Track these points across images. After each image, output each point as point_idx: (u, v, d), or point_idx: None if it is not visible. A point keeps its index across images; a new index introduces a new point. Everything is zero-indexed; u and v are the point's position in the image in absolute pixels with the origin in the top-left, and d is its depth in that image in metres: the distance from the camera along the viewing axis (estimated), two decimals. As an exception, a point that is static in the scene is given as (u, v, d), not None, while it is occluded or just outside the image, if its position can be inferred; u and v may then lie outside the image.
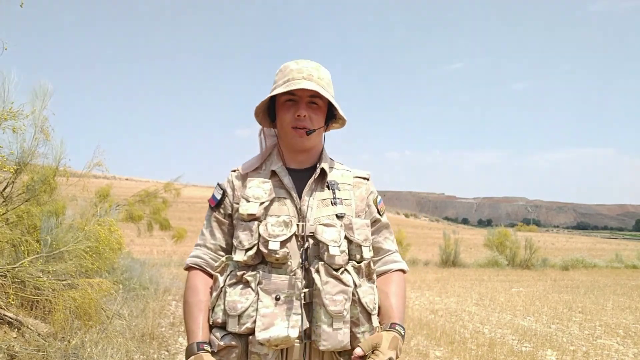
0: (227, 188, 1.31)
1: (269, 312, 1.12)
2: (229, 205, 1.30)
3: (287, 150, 1.30)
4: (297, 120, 1.23)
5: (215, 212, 1.31)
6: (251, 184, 1.25)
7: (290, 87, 1.20)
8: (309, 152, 1.31)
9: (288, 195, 1.24)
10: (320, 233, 1.18)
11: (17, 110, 3.03)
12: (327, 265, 1.16)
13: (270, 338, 1.10)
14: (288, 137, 1.26)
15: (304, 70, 1.23)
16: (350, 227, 1.22)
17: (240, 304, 1.14)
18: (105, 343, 3.36)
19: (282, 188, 1.25)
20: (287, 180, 1.25)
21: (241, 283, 1.17)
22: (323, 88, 1.23)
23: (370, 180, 1.37)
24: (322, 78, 1.25)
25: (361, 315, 1.17)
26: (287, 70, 1.25)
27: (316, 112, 1.25)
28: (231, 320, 1.15)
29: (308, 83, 1.20)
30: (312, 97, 1.24)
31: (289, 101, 1.24)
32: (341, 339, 1.13)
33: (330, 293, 1.14)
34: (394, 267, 1.34)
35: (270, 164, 1.30)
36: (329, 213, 1.23)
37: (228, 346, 1.14)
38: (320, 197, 1.25)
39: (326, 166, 1.29)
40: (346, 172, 1.34)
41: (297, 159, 1.30)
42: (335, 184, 1.28)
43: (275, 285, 1.14)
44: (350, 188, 1.31)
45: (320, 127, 1.27)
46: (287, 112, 1.24)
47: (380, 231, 1.36)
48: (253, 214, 1.19)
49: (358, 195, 1.31)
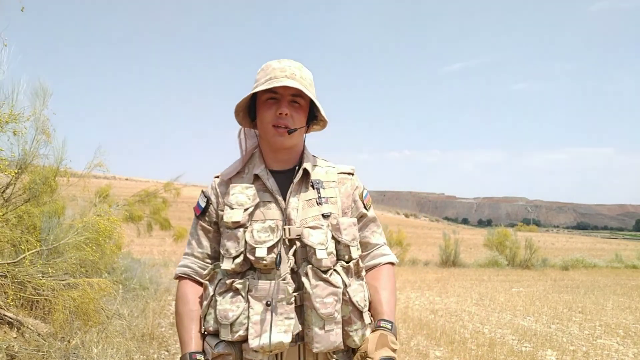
0: (211, 195, 1.30)
1: (261, 319, 1.12)
2: (214, 212, 1.29)
3: (268, 151, 1.28)
4: (279, 118, 1.21)
5: (200, 221, 1.30)
6: (234, 190, 1.23)
7: (272, 84, 1.18)
8: (290, 152, 1.28)
9: (272, 198, 1.23)
10: (306, 237, 1.17)
11: (18, 113, 3.03)
12: (315, 268, 1.16)
13: (264, 345, 1.10)
14: (268, 136, 1.24)
15: (286, 69, 1.22)
16: (338, 227, 1.20)
17: (231, 312, 1.13)
18: (105, 343, 3.36)
19: (266, 191, 1.24)
20: (271, 183, 1.24)
21: (231, 291, 1.16)
22: (305, 87, 1.21)
23: (355, 175, 1.35)
24: (305, 78, 1.23)
25: (352, 314, 1.17)
26: (270, 69, 1.23)
27: (298, 111, 1.23)
28: (223, 329, 1.14)
29: (291, 81, 1.19)
30: (294, 96, 1.22)
31: (270, 99, 1.23)
32: (334, 340, 1.13)
33: (320, 296, 1.13)
34: (383, 261, 1.33)
35: (252, 167, 1.29)
36: (314, 214, 1.22)
37: (222, 354, 1.14)
38: (305, 197, 1.24)
39: (309, 165, 1.27)
40: (330, 169, 1.32)
41: (278, 159, 1.28)
42: (320, 182, 1.27)
43: (265, 292, 1.14)
44: (335, 185, 1.29)
45: (302, 126, 1.25)
46: (269, 110, 1.22)
47: (367, 225, 1.35)
48: (237, 222, 1.18)
49: (344, 192, 1.30)
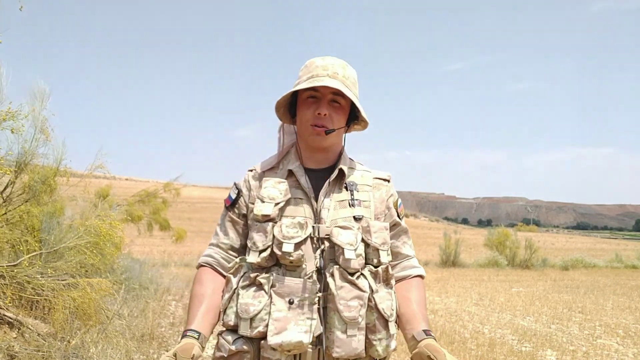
0: (243, 188, 1.28)
1: (282, 316, 1.09)
2: (244, 205, 1.27)
3: (305, 149, 1.27)
4: (317, 118, 1.19)
5: (229, 212, 1.28)
6: (266, 184, 1.21)
7: (313, 83, 1.16)
8: (327, 152, 1.27)
9: (304, 195, 1.21)
10: (335, 236, 1.14)
11: (16, 110, 3.03)
12: (342, 269, 1.12)
13: (283, 343, 1.06)
14: (306, 135, 1.23)
15: (329, 67, 1.19)
16: (368, 229, 1.17)
17: (252, 306, 1.11)
18: (105, 343, 3.36)
19: (299, 188, 1.22)
20: (304, 181, 1.22)
21: (254, 285, 1.14)
22: (347, 87, 1.19)
23: (391, 182, 1.33)
24: (348, 77, 1.21)
25: (378, 321, 1.13)
26: (312, 66, 1.21)
27: (337, 111, 1.21)
28: (243, 323, 1.11)
29: (332, 81, 1.16)
30: (335, 95, 1.20)
31: (310, 98, 1.21)
32: (355, 346, 1.09)
33: (344, 298, 1.10)
34: (413, 273, 1.29)
35: (287, 162, 1.27)
36: (346, 215, 1.19)
37: (240, 351, 1.11)
38: (338, 198, 1.22)
39: (345, 167, 1.25)
40: (366, 173, 1.30)
41: (315, 158, 1.27)
42: (354, 185, 1.24)
43: (289, 289, 1.11)
44: (370, 189, 1.26)
45: (341, 127, 1.23)
46: (308, 109, 1.21)
47: (400, 236, 1.32)
48: (267, 215, 1.16)
49: (378, 197, 1.27)
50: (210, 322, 1.18)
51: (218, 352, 1.15)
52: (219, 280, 1.24)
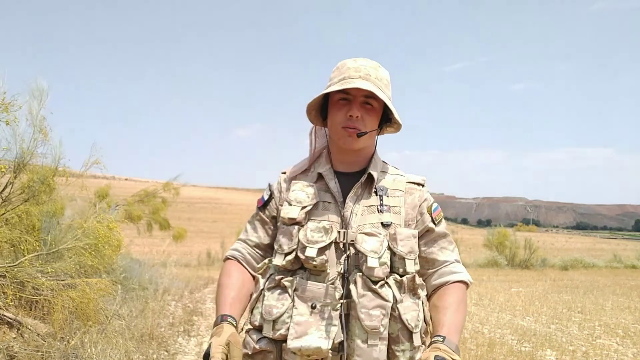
0: (275, 190, 1.29)
1: (304, 321, 1.08)
2: (274, 207, 1.27)
3: (336, 152, 1.25)
4: (349, 120, 1.17)
5: (260, 212, 1.29)
6: (295, 187, 1.21)
7: (344, 85, 1.14)
8: (358, 155, 1.24)
9: (333, 199, 1.20)
10: (360, 242, 1.12)
11: (10, 102, 2.97)
12: (365, 277, 1.10)
13: (302, 347, 1.06)
14: (337, 137, 1.20)
15: (361, 69, 1.17)
16: (395, 237, 1.14)
17: (276, 309, 1.11)
18: (105, 343, 3.35)
19: (328, 192, 1.21)
20: (333, 184, 1.21)
21: (279, 288, 1.14)
22: (380, 89, 1.16)
23: (426, 187, 1.28)
24: (380, 79, 1.18)
25: (401, 332, 1.10)
26: (344, 68, 1.19)
27: (370, 113, 1.18)
28: (266, 325, 1.12)
29: (364, 82, 1.14)
30: (367, 97, 1.17)
31: (342, 100, 1.18)
32: (376, 356, 1.07)
33: (366, 307, 1.08)
34: (452, 279, 1.21)
35: (318, 166, 1.25)
36: (374, 221, 1.17)
37: (264, 350, 1.12)
38: (366, 203, 1.19)
39: (375, 171, 1.22)
40: (399, 177, 1.26)
41: (345, 161, 1.24)
42: (384, 190, 1.21)
43: (311, 293, 1.10)
44: (402, 194, 1.23)
45: (373, 129, 1.20)
46: (340, 111, 1.18)
47: (436, 241, 1.25)
48: (294, 218, 1.16)
49: (410, 202, 1.23)
50: (239, 310, 1.18)
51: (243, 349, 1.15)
52: (246, 273, 1.25)
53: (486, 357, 4.21)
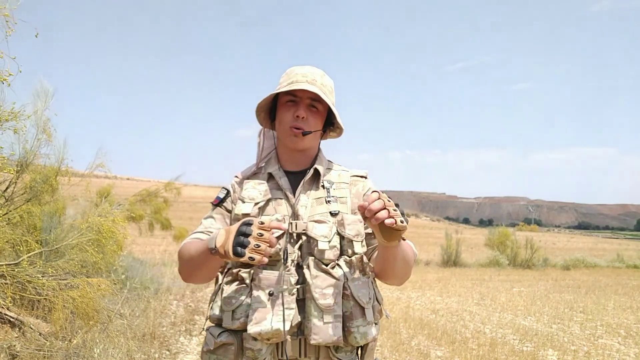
0: (230, 189, 1.35)
1: (262, 307, 1.14)
2: (230, 204, 1.33)
3: (284, 151, 1.34)
4: (295, 120, 1.25)
5: (216, 208, 1.34)
6: (247, 185, 1.29)
7: (292, 87, 1.23)
8: (304, 154, 1.33)
9: (284, 195, 1.28)
10: (311, 229, 1.20)
11: (19, 111, 3.03)
12: (317, 260, 1.18)
13: (262, 331, 1.11)
14: (284, 137, 1.29)
15: (308, 74, 1.27)
16: (342, 222, 1.23)
17: (234, 299, 1.17)
18: (107, 342, 3.36)
19: (279, 189, 1.29)
20: (284, 182, 1.29)
21: (237, 280, 1.20)
22: (324, 94, 1.25)
23: (369, 179, 1.38)
24: (325, 85, 1.28)
25: (354, 309, 1.17)
26: (292, 74, 1.28)
27: (315, 115, 1.28)
28: (226, 316, 1.18)
29: (310, 86, 1.23)
30: (313, 100, 1.27)
31: (290, 102, 1.28)
32: (332, 333, 1.14)
33: (319, 287, 1.15)
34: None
35: (267, 166, 1.34)
36: (322, 211, 1.25)
37: (224, 344, 1.17)
38: (315, 195, 1.28)
39: (321, 167, 1.32)
40: (343, 172, 1.36)
41: (293, 160, 1.33)
42: (331, 183, 1.31)
43: (268, 281, 1.16)
44: (347, 186, 1.32)
45: (317, 130, 1.29)
46: (287, 112, 1.27)
47: None
48: (247, 214, 1.22)
49: (354, 193, 1.32)
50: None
51: (205, 346, 1.21)
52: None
53: (488, 356, 4.21)
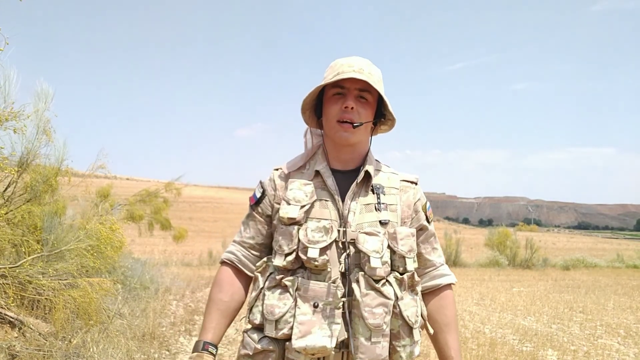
0: (268, 187, 1.27)
1: (307, 320, 1.09)
2: (269, 205, 1.27)
3: (332, 149, 1.25)
4: (344, 112, 1.17)
5: (254, 211, 1.29)
6: (292, 185, 1.20)
7: (338, 77, 1.15)
8: (353, 151, 1.24)
9: (330, 197, 1.20)
10: (362, 242, 1.13)
11: (19, 110, 3.04)
12: (367, 276, 1.11)
13: (307, 347, 1.07)
14: (333, 132, 1.21)
15: (354, 64, 1.18)
16: (394, 236, 1.16)
17: (278, 308, 1.12)
18: (106, 342, 3.36)
19: (325, 190, 1.21)
20: (331, 182, 1.21)
21: (280, 287, 1.14)
22: (374, 83, 1.17)
23: (419, 185, 1.30)
24: (373, 74, 1.19)
25: (402, 328, 1.13)
26: (337, 65, 1.20)
27: (365, 106, 1.19)
28: (268, 325, 1.13)
29: (357, 74, 1.15)
30: (362, 91, 1.19)
31: (337, 95, 1.20)
32: (379, 353, 1.10)
33: (369, 305, 1.09)
34: (443, 282, 1.28)
35: (314, 163, 1.26)
36: (372, 219, 1.18)
37: (265, 350, 1.12)
38: (364, 201, 1.20)
39: (371, 168, 1.23)
40: (393, 176, 1.27)
41: (341, 158, 1.25)
42: (381, 187, 1.22)
43: (313, 292, 1.11)
44: (397, 192, 1.24)
45: (368, 121, 1.20)
46: (334, 105, 1.19)
47: (428, 240, 1.30)
48: (293, 218, 1.15)
49: (405, 201, 1.25)
50: (223, 331, 1.22)
51: (243, 349, 1.16)
52: (237, 284, 1.27)
53: (487, 357, 4.21)
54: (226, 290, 1.24)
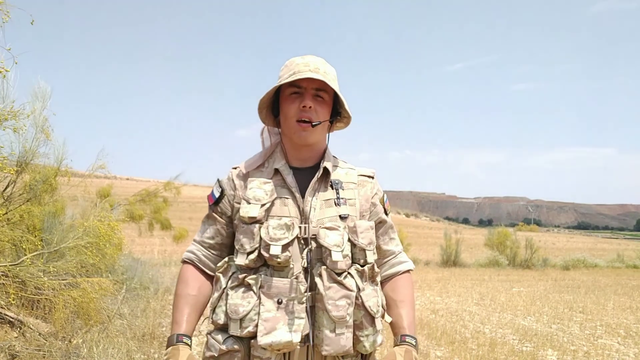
0: (227, 187, 1.27)
1: (271, 316, 1.11)
2: (228, 204, 1.27)
3: (290, 147, 1.27)
4: (302, 111, 1.19)
5: (212, 211, 1.29)
6: (252, 184, 1.21)
7: (295, 77, 1.17)
8: (312, 149, 1.27)
9: (290, 195, 1.21)
10: (322, 237, 1.15)
11: (18, 110, 3.04)
12: (329, 270, 1.14)
13: (273, 343, 1.08)
14: (291, 132, 1.23)
15: (310, 63, 1.20)
16: (355, 230, 1.19)
17: (242, 307, 1.12)
18: (106, 342, 3.36)
19: (285, 187, 1.22)
20: (290, 179, 1.22)
21: (243, 286, 1.15)
22: (329, 81, 1.20)
23: (376, 179, 1.33)
24: (328, 72, 1.22)
25: (364, 319, 1.16)
26: (293, 65, 1.22)
27: (322, 105, 1.22)
28: (233, 324, 1.13)
29: (314, 74, 1.17)
30: (318, 90, 1.21)
31: (294, 94, 1.22)
32: (344, 344, 1.12)
33: (333, 298, 1.12)
34: (402, 269, 1.32)
35: (273, 161, 1.27)
36: (332, 214, 1.20)
37: (230, 350, 1.13)
38: (324, 197, 1.22)
39: (329, 164, 1.25)
40: (350, 171, 1.30)
41: (300, 156, 1.27)
42: (339, 183, 1.25)
43: (277, 289, 1.12)
44: (355, 187, 1.27)
45: (326, 120, 1.23)
46: (292, 104, 1.21)
47: (387, 232, 1.34)
48: (254, 217, 1.16)
49: (363, 195, 1.28)
50: (194, 323, 1.22)
51: (208, 351, 1.16)
52: (202, 279, 1.27)
53: (487, 357, 4.21)
54: (192, 285, 1.24)
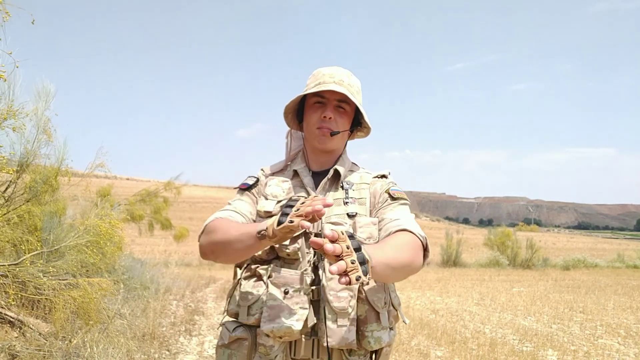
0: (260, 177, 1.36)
1: (276, 305, 1.15)
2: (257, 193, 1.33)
3: (311, 152, 1.35)
4: (323, 121, 1.27)
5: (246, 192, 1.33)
6: (271, 182, 1.31)
7: (320, 88, 1.24)
8: (330, 155, 1.34)
9: (306, 193, 1.28)
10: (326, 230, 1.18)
11: (17, 109, 3.03)
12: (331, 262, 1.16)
13: (274, 329, 1.12)
14: (312, 137, 1.30)
15: (335, 75, 1.27)
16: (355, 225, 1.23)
17: (251, 295, 1.18)
18: (107, 343, 3.36)
19: (302, 187, 1.30)
20: (308, 180, 1.30)
21: (254, 276, 1.22)
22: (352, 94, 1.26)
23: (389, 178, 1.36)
24: (352, 85, 1.29)
25: (368, 313, 1.18)
26: (319, 75, 1.29)
27: (342, 116, 1.29)
28: (242, 311, 1.19)
29: (337, 86, 1.23)
30: (340, 101, 1.27)
31: (317, 103, 1.29)
32: (346, 337, 1.14)
33: (334, 289, 1.15)
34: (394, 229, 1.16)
35: (294, 164, 1.36)
36: (340, 212, 1.26)
37: (239, 338, 1.19)
38: (334, 196, 1.29)
39: (341, 168, 1.32)
40: (365, 174, 1.36)
41: (319, 161, 1.35)
42: (350, 184, 1.31)
43: (284, 279, 1.17)
44: (367, 187, 1.32)
45: (345, 130, 1.30)
46: (314, 113, 1.28)
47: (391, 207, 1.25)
48: (269, 212, 1.24)
49: (373, 191, 1.32)
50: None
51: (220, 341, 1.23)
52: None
53: (488, 357, 4.21)
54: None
